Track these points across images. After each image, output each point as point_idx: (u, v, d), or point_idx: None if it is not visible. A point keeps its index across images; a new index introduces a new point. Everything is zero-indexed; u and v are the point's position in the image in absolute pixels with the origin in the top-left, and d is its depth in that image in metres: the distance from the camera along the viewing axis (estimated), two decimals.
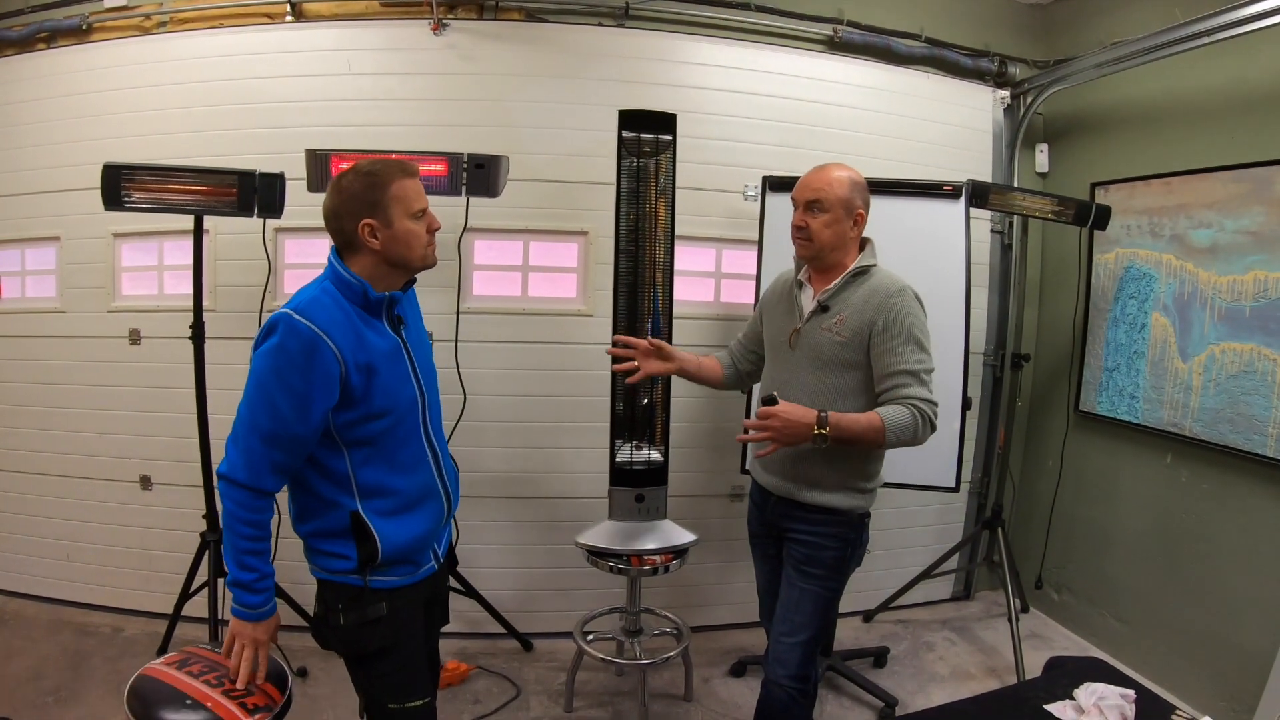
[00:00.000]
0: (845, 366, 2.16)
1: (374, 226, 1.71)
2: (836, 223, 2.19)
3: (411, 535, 1.82)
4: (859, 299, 2.17)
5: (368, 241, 1.72)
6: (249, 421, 1.65)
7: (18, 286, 3.63)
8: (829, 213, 2.18)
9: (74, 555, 3.65)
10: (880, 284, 2.17)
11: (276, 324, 1.64)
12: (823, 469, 2.21)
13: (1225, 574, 3.04)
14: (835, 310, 2.19)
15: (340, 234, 1.75)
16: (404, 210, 1.74)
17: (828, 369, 2.18)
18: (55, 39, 3.50)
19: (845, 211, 2.19)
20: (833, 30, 3.61)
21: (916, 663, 3.51)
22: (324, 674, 3.13)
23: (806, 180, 2.24)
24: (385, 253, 1.74)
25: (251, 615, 1.71)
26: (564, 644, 3.34)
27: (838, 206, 2.18)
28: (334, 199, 1.74)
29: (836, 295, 2.21)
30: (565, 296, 3.49)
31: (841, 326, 2.16)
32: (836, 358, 2.17)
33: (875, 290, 2.16)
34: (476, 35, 3.35)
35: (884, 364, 2.10)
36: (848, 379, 2.17)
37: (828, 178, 2.20)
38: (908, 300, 2.13)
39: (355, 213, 1.71)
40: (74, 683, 3.05)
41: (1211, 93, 3.13)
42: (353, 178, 1.74)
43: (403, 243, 1.75)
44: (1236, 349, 2.99)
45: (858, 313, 2.15)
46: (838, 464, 2.20)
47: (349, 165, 1.82)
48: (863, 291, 2.17)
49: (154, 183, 2.74)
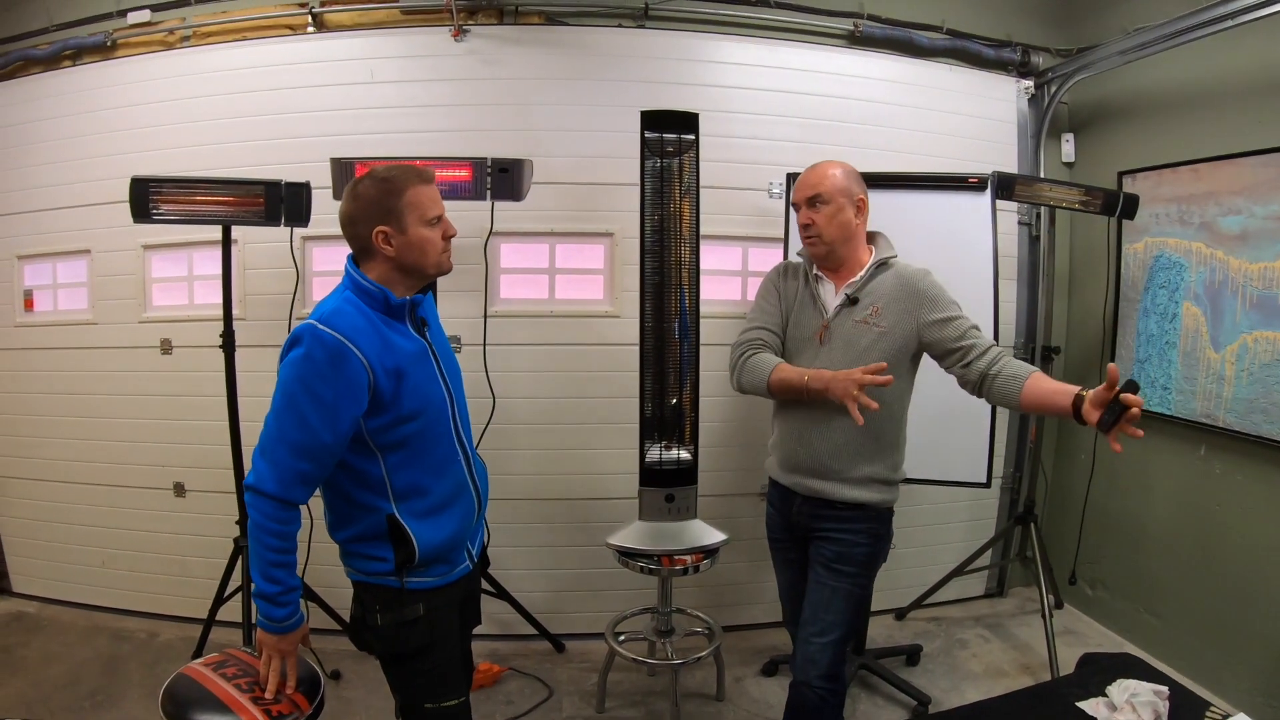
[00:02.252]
0: (883, 357, 2.14)
1: (388, 233, 1.72)
2: (840, 212, 2.22)
3: (446, 534, 1.83)
4: (890, 288, 2.19)
5: (382, 248, 1.73)
6: (276, 433, 1.65)
7: (50, 300, 3.70)
8: (830, 204, 2.21)
9: (110, 562, 3.71)
10: (907, 271, 2.22)
11: (302, 335, 1.64)
12: (856, 464, 2.21)
13: (1261, 567, 2.99)
14: (867, 302, 2.20)
15: (356, 240, 1.76)
16: (419, 217, 1.74)
17: (865, 360, 2.14)
18: (80, 56, 3.56)
19: (847, 199, 2.22)
20: (853, 25, 3.59)
21: (950, 660, 3.48)
22: (357, 676, 3.15)
23: (803, 179, 2.29)
24: (399, 259, 1.75)
25: (276, 628, 1.71)
26: (596, 645, 3.34)
27: (838, 195, 2.21)
28: (349, 205, 1.75)
29: (864, 287, 2.22)
30: (593, 298, 3.50)
31: (878, 317, 2.18)
32: (874, 347, 2.17)
33: (905, 278, 2.20)
34: (497, 40, 3.37)
35: (952, 330, 2.14)
36: (893, 367, 2.14)
37: (822, 172, 2.25)
38: (935, 279, 2.22)
39: (370, 219, 1.72)
40: (110, 687, 3.10)
41: (1238, 76, 3.08)
42: (368, 184, 1.74)
43: (417, 249, 1.75)
44: (1269, 337, 2.94)
45: (895, 301, 2.18)
46: (869, 457, 2.20)
47: (364, 173, 1.82)
48: (891, 282, 2.20)
49: (181, 195, 2.78)
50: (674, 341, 2.81)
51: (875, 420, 2.14)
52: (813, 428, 2.26)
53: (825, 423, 2.23)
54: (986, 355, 2.09)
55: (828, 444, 2.22)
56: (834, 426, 2.21)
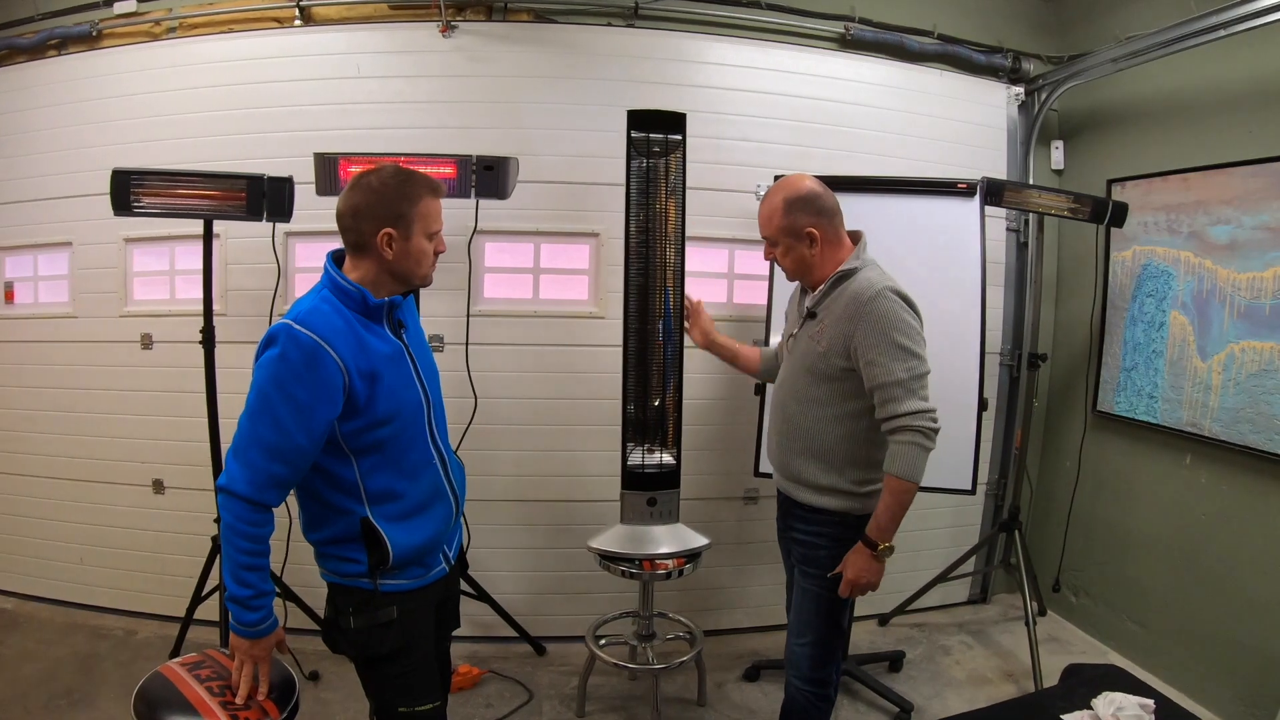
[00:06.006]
0: (822, 377, 2.14)
1: (393, 236, 1.70)
2: (791, 249, 2.19)
3: (422, 538, 1.81)
4: (839, 307, 2.11)
5: (382, 250, 1.71)
6: (250, 434, 1.62)
7: (30, 292, 3.66)
8: (779, 245, 2.20)
9: (88, 559, 3.67)
10: (858, 289, 2.07)
11: (277, 335, 1.61)
12: (812, 468, 2.19)
13: (1246, 577, 2.99)
14: (821, 317, 2.17)
15: (354, 234, 1.72)
16: (424, 228, 1.74)
17: (810, 377, 2.17)
18: (66, 46, 3.52)
19: (793, 238, 2.17)
20: (844, 28, 3.58)
21: (933, 667, 3.47)
22: (336, 677, 3.12)
23: (759, 215, 2.26)
24: (394, 264, 1.73)
25: (249, 633, 1.67)
26: (576, 648, 3.32)
27: (783, 236, 2.19)
28: (356, 197, 1.72)
29: (822, 301, 2.18)
30: (577, 299, 3.47)
31: (821, 335, 2.14)
32: (815, 367, 2.15)
33: (853, 297, 2.07)
34: (485, 37, 3.34)
35: (870, 376, 2.03)
36: (823, 390, 2.15)
37: (765, 213, 2.22)
38: (885, 303, 2.01)
39: (378, 218, 1.69)
40: (86, 686, 3.07)
41: (1229, 86, 3.08)
42: (382, 180, 1.71)
43: (413, 259, 1.75)
44: (1257, 347, 2.93)
45: (836, 322, 2.10)
46: (825, 464, 2.18)
47: (371, 166, 1.79)
48: (844, 298, 2.11)
49: (163, 188, 2.74)
50: (658, 343, 2.80)
51: (824, 437, 2.16)
52: (778, 431, 2.30)
53: (785, 429, 2.25)
54: (885, 424, 2.04)
55: (790, 448, 2.23)
56: (793, 434, 2.23)
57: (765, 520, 3.49)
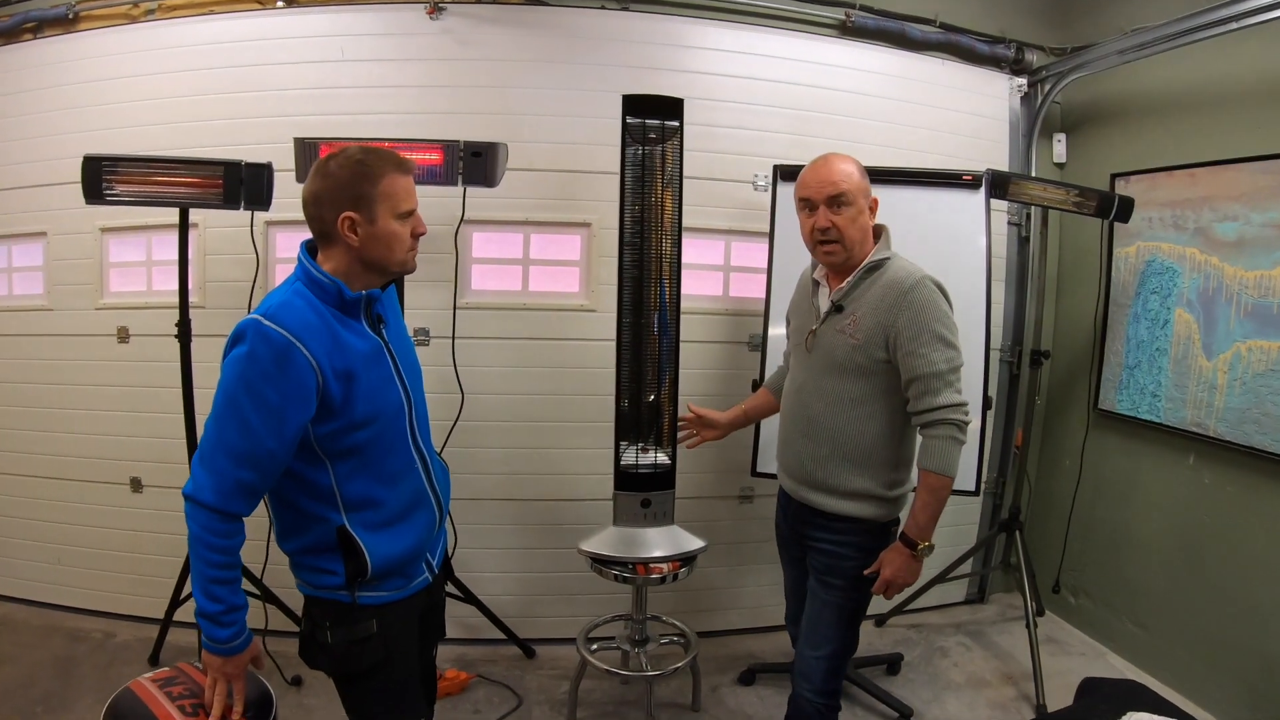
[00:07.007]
0: (858, 372, 2.03)
1: (355, 221, 1.58)
2: (861, 214, 2.05)
3: (402, 548, 1.71)
4: (874, 297, 2.02)
5: (345, 236, 1.58)
6: (216, 438, 1.51)
7: (4, 284, 3.55)
8: (853, 205, 2.03)
9: (65, 559, 3.57)
10: (895, 277, 2.01)
11: (245, 331, 1.51)
12: (843, 473, 2.09)
13: (1249, 579, 2.93)
14: (850, 310, 2.06)
15: (318, 223, 1.61)
16: (390, 209, 1.60)
17: (841, 374, 2.06)
18: (42, 29, 3.41)
19: (865, 200, 2.07)
20: (845, 15, 3.49)
21: (931, 669, 3.40)
22: (319, 683, 3.02)
23: (819, 176, 2.06)
24: (362, 251, 1.61)
25: (221, 650, 1.56)
26: (567, 651, 3.24)
27: (860, 197, 2.05)
28: (317, 184, 1.60)
29: (850, 293, 2.07)
30: (568, 291, 3.38)
31: (855, 328, 2.03)
32: (849, 361, 2.04)
33: (890, 285, 2.00)
34: (474, 19, 3.23)
35: (909, 366, 1.96)
36: (859, 386, 2.05)
37: (843, 169, 2.05)
38: (926, 292, 1.97)
39: (337, 203, 1.57)
40: (64, 690, 2.98)
41: (1237, 81, 3.01)
42: (340, 163, 1.59)
43: (383, 244, 1.62)
44: (1264, 346, 2.87)
45: (873, 312, 2.01)
46: (858, 471, 2.08)
47: (337, 149, 1.66)
48: (878, 288, 2.02)
49: (136, 175, 2.65)
50: (653, 337, 2.72)
51: (860, 437, 2.06)
52: (799, 436, 2.17)
53: (809, 433, 2.14)
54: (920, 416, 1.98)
55: (814, 453, 2.11)
56: (819, 437, 2.11)
57: (760, 519, 3.45)
